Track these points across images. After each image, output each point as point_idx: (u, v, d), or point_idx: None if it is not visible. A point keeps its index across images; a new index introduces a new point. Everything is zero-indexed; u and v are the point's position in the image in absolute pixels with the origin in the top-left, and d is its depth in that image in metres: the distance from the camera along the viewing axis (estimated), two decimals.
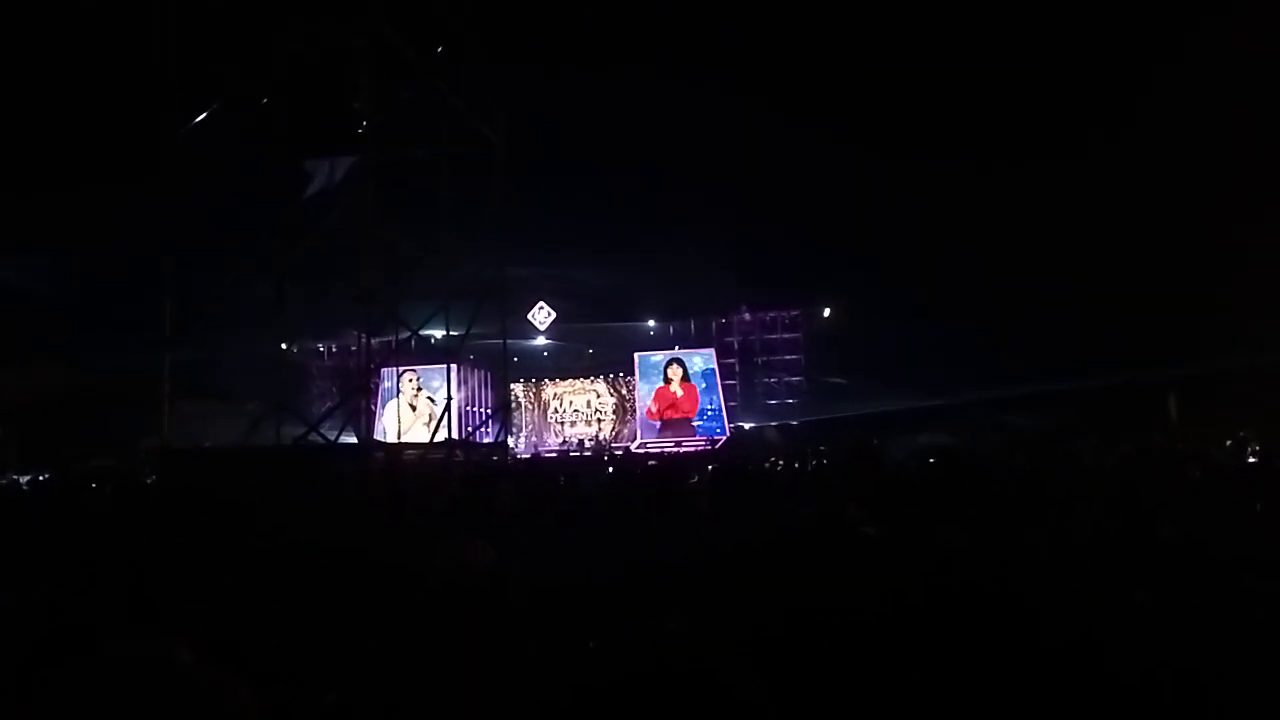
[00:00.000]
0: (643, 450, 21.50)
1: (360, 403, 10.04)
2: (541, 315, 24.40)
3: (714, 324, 25.02)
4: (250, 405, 10.86)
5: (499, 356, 13.85)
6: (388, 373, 17.75)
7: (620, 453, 21.02)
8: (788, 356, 24.47)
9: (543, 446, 23.67)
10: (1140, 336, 18.97)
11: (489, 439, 15.14)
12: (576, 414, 24.60)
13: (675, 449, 21.42)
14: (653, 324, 25.39)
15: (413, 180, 10.81)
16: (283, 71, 8.85)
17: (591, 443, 23.30)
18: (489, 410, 19.89)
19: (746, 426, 23.33)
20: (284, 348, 11.90)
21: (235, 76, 9.07)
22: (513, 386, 22.64)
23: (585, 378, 24.78)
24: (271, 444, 8.99)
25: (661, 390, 23.21)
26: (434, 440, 10.97)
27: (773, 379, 24.66)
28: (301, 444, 8.87)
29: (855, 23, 20.63)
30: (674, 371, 23.25)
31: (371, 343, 9.81)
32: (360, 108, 8.78)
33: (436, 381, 20.04)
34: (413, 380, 20.75)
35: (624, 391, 24.18)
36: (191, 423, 9.87)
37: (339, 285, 9.79)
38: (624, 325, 25.23)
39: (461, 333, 11.47)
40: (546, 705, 1.40)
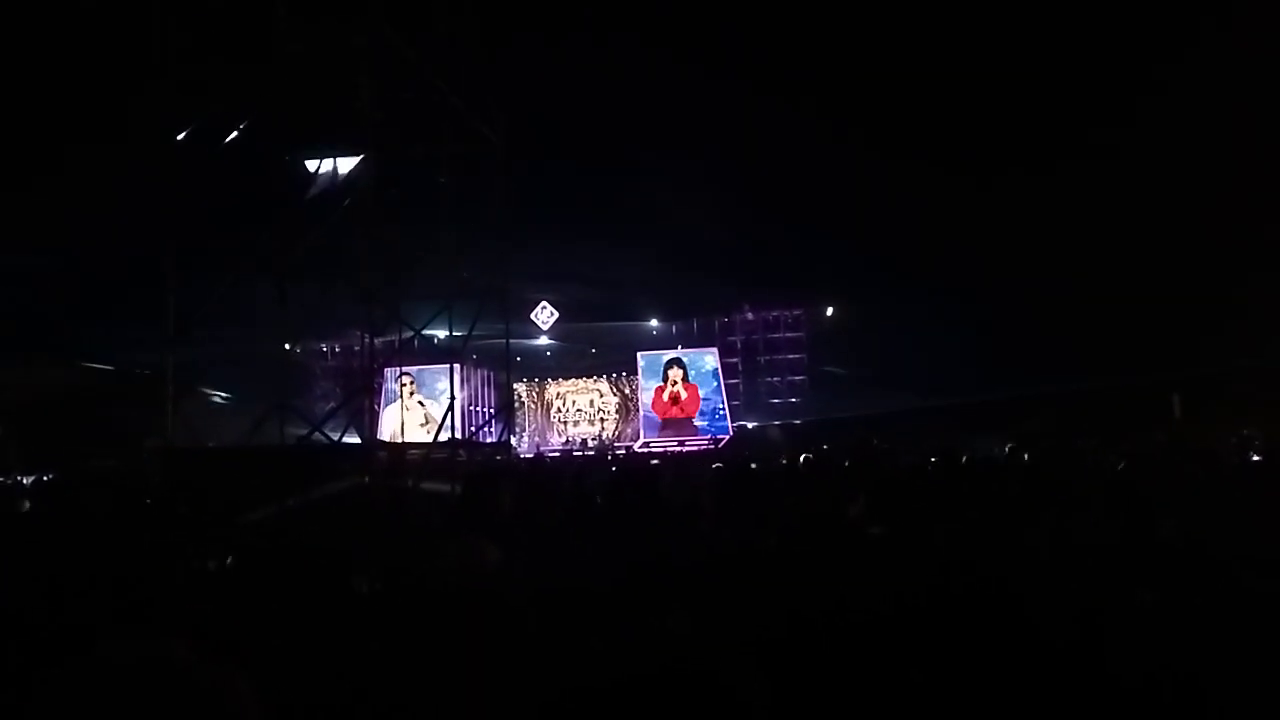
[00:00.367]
0: (646, 450, 21.50)
1: (363, 403, 10.05)
2: (544, 315, 24.42)
3: (717, 323, 25.02)
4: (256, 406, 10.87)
5: (502, 356, 13.86)
6: (390, 374, 17.76)
7: (623, 452, 21.04)
8: (791, 356, 24.46)
9: (546, 446, 23.67)
10: (1144, 335, 18.95)
11: (492, 439, 15.14)
12: (579, 413, 24.61)
13: (678, 448, 21.41)
14: (655, 323, 25.39)
15: (413, 180, 10.82)
16: (283, 71, 8.86)
17: (595, 442, 23.31)
18: (492, 410, 19.90)
19: (749, 426, 23.33)
20: (287, 348, 11.89)
21: (235, 76, 9.07)
22: (516, 386, 22.66)
23: (588, 377, 24.80)
24: (275, 444, 8.99)
25: (661, 390, 23.20)
26: (437, 440, 10.98)
27: (775, 378, 24.65)
28: (305, 444, 8.87)
29: (860, 21, 20.61)
30: (674, 373, 23.24)
31: (375, 343, 9.81)
32: (360, 108, 8.77)
33: (440, 382, 20.05)
34: (408, 383, 20.73)
35: (627, 391, 24.19)
36: (194, 422, 9.87)
37: (340, 285, 9.79)
38: (627, 325, 25.24)
39: (464, 333, 11.48)
40: (549, 705, 1.40)
